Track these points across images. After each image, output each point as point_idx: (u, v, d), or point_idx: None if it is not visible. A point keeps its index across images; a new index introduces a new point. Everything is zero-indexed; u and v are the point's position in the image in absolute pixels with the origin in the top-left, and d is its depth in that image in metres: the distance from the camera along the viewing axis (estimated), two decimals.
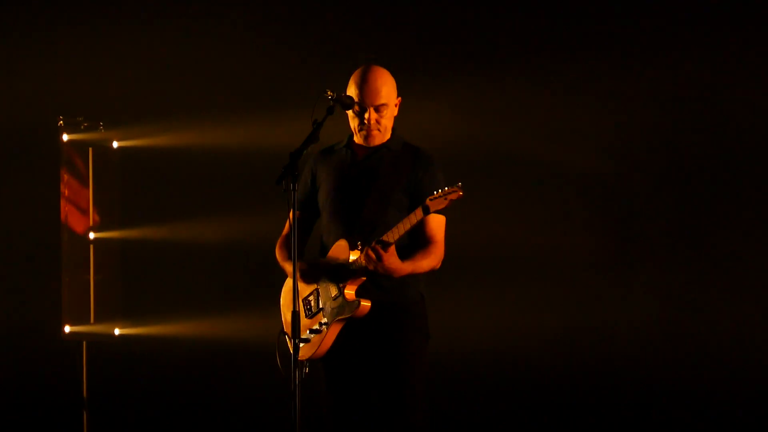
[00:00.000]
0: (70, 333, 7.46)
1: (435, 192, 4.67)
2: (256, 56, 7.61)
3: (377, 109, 4.94)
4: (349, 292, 4.84)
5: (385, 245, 4.69)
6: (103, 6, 7.85)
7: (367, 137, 4.98)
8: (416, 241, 4.89)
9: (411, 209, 4.77)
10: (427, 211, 4.66)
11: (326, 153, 5.11)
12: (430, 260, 4.88)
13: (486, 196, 7.01)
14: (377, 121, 4.95)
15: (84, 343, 7.55)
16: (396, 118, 5.05)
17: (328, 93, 4.84)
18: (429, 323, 5.01)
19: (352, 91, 4.94)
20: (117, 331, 7.62)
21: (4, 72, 7.86)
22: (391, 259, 4.71)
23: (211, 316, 7.74)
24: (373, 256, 4.68)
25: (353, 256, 4.82)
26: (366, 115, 4.94)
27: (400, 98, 5.02)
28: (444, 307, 5.87)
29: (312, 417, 4.73)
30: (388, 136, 5.02)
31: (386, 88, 4.94)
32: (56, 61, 7.85)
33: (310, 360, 4.87)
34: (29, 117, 7.77)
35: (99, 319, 7.57)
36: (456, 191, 4.64)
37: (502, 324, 7.07)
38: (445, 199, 4.64)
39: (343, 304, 4.84)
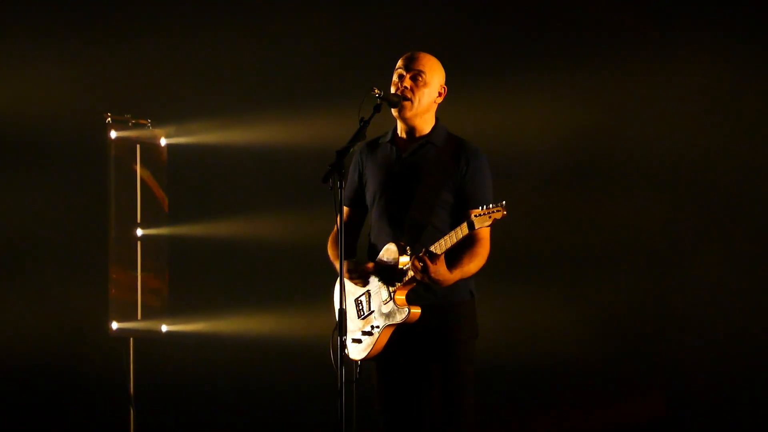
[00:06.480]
0: (118, 330, 7.50)
1: (481, 208, 4.62)
2: (302, 54, 7.61)
3: (414, 77, 4.88)
4: (400, 297, 4.80)
5: (433, 256, 4.66)
6: (150, 4, 7.88)
7: (398, 105, 4.87)
8: (461, 239, 4.81)
9: (456, 207, 4.76)
10: (472, 227, 4.62)
11: (372, 147, 5.05)
12: (478, 261, 4.82)
13: (540, 194, 6.98)
14: (411, 89, 4.88)
15: (131, 339, 7.58)
16: (444, 110, 4.99)
17: (375, 90, 4.79)
18: (478, 321, 4.95)
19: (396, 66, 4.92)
20: (164, 328, 7.64)
21: (53, 69, 7.90)
22: (440, 269, 4.67)
23: (257, 312, 7.75)
24: (420, 266, 4.65)
25: (402, 261, 4.78)
26: (401, 73, 4.88)
27: (446, 87, 4.96)
28: (494, 304, 5.83)
29: (363, 415, 4.71)
30: (425, 117, 4.92)
31: (428, 61, 4.90)
32: (105, 58, 7.89)
33: (362, 360, 4.87)
34: (77, 114, 7.81)
35: (146, 316, 7.60)
36: (500, 210, 4.59)
37: (552, 322, 7.02)
38: (489, 216, 4.60)
39: (393, 310, 4.81)
